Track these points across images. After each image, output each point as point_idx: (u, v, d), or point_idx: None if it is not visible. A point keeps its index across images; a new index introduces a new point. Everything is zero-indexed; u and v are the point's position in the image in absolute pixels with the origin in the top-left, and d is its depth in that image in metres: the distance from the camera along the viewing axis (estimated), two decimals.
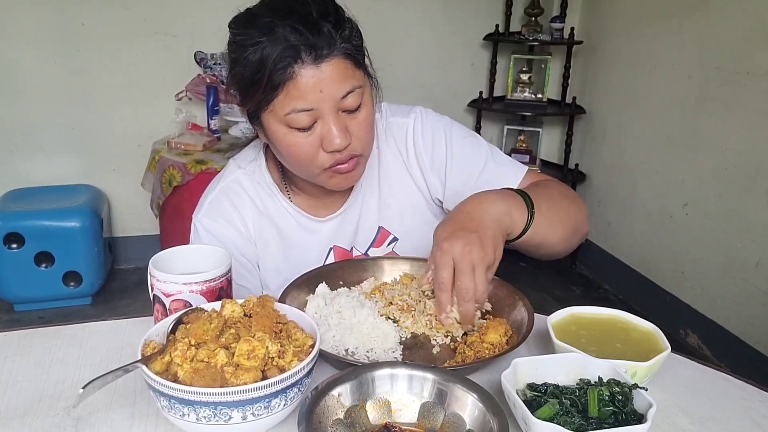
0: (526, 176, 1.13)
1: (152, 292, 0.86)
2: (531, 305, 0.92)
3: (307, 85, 0.92)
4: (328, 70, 0.92)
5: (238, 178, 1.14)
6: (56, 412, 0.76)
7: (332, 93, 0.93)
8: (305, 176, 1.05)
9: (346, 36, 0.94)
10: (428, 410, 0.72)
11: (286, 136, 0.97)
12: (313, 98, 0.93)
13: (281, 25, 0.91)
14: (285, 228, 1.14)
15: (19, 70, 2.94)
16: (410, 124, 1.15)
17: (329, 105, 0.94)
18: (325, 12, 0.94)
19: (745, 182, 2.41)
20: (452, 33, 3.36)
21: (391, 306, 0.95)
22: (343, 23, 0.95)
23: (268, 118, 0.98)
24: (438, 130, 1.14)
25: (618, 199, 3.18)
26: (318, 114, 0.95)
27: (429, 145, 1.14)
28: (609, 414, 0.67)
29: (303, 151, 0.98)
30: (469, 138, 1.16)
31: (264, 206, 1.13)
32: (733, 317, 2.50)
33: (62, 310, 2.83)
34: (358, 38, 0.98)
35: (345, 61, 0.94)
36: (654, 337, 0.84)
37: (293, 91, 0.92)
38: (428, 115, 1.16)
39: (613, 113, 3.18)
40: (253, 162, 1.15)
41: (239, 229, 1.12)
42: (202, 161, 2.65)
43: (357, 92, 0.96)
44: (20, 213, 2.73)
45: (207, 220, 1.11)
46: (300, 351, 0.72)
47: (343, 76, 0.94)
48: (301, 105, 0.93)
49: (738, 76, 2.41)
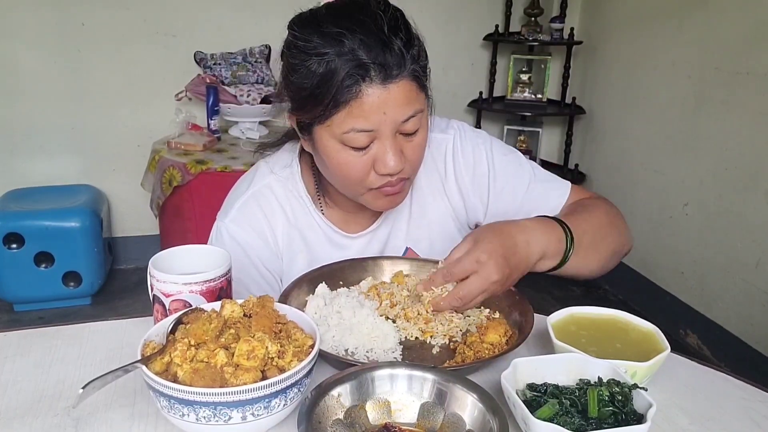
0: (571, 193, 1.10)
1: (152, 292, 0.86)
2: (531, 305, 0.92)
3: (372, 105, 0.87)
4: (395, 92, 0.87)
5: (270, 183, 1.08)
6: (56, 412, 0.76)
7: (395, 116, 0.89)
8: (349, 194, 1.00)
9: (415, 55, 0.89)
10: (428, 410, 0.72)
11: (338, 153, 0.92)
12: (376, 120, 0.88)
13: (350, 37, 0.85)
14: (313, 242, 1.09)
15: (19, 70, 2.94)
16: (449, 141, 1.11)
17: (390, 128, 0.90)
18: (396, 27, 0.88)
19: (745, 182, 2.41)
20: (452, 33, 3.36)
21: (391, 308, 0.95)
22: (413, 41, 0.90)
23: (321, 133, 0.93)
24: (478, 147, 1.10)
25: (618, 199, 3.15)
26: (376, 135, 0.90)
27: (470, 164, 1.10)
28: (609, 414, 0.67)
29: (354, 171, 0.93)
30: (509, 156, 1.12)
31: (295, 217, 1.08)
32: (732, 317, 2.50)
33: (62, 310, 2.83)
34: (425, 58, 0.93)
35: (411, 83, 0.89)
36: (654, 337, 0.84)
37: (356, 110, 0.87)
38: (466, 131, 1.12)
39: (613, 113, 3.18)
40: (287, 168, 1.09)
41: (267, 241, 1.07)
42: (202, 161, 2.65)
43: (418, 116, 0.92)
44: (20, 213, 2.73)
45: (234, 226, 1.05)
46: (300, 351, 0.72)
47: (408, 99, 0.89)
48: (361, 125, 0.88)
49: (738, 76, 2.41)
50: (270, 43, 3.08)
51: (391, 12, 0.90)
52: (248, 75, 3.02)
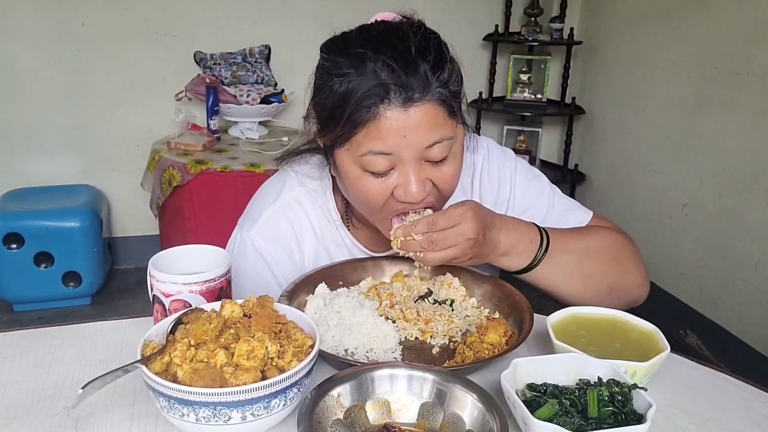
0: (591, 221, 1.08)
1: (152, 292, 0.86)
2: (531, 305, 0.92)
3: (390, 128, 0.84)
4: (417, 116, 0.84)
5: (299, 196, 1.05)
6: (56, 412, 0.76)
7: (416, 141, 0.85)
8: (369, 218, 0.97)
9: (443, 80, 0.85)
10: (428, 410, 0.72)
11: (359, 179, 0.89)
12: (394, 143, 0.84)
13: (374, 58, 0.83)
14: (339, 260, 1.06)
15: (19, 70, 2.93)
16: (478, 163, 1.09)
17: (411, 153, 0.86)
18: (425, 49, 0.86)
19: (745, 182, 2.41)
20: (452, 33, 3.30)
21: (391, 308, 0.95)
22: (443, 64, 0.87)
23: (342, 156, 0.90)
24: (504, 172, 1.09)
25: (618, 200, 3.18)
26: (397, 160, 0.86)
27: (495, 189, 1.09)
28: (608, 414, 0.67)
29: (373, 197, 0.90)
30: (532, 181, 1.10)
31: (322, 233, 1.06)
32: (732, 317, 2.50)
33: (62, 310, 2.83)
34: (457, 83, 0.89)
35: (437, 108, 0.85)
36: (653, 338, 0.84)
37: (374, 131, 0.84)
38: (494, 152, 1.10)
39: (612, 113, 3.18)
40: (317, 182, 1.06)
41: (293, 257, 1.04)
42: (201, 161, 2.65)
43: (445, 144, 0.87)
44: (20, 213, 2.73)
45: (260, 239, 1.02)
46: (299, 351, 0.72)
47: (432, 125, 0.85)
48: (379, 147, 0.85)
49: (737, 76, 2.41)
50: (270, 43, 3.08)
51: (423, 34, 0.88)
52: (248, 75, 3.02)
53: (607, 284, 1.00)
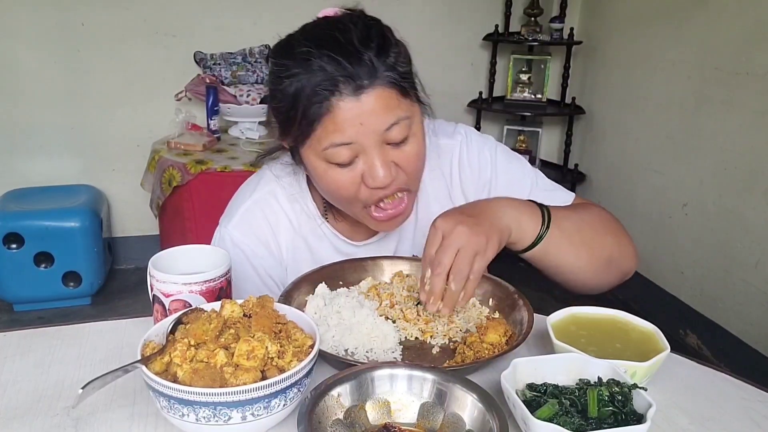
0: (574, 202, 1.08)
1: (152, 292, 0.86)
2: (531, 305, 0.92)
3: (345, 118, 0.85)
4: (370, 101, 0.85)
5: (274, 190, 1.07)
6: (56, 412, 0.76)
7: (373, 126, 0.87)
8: (349, 213, 0.99)
9: (390, 63, 0.87)
10: (428, 410, 0.72)
11: (326, 173, 0.91)
12: (353, 132, 0.86)
13: (318, 54, 0.85)
14: (320, 251, 1.08)
15: (19, 70, 2.94)
16: (456, 148, 1.10)
17: (371, 139, 0.87)
18: (368, 38, 0.87)
19: (745, 182, 2.41)
20: (452, 33, 3.36)
21: (391, 308, 0.95)
22: (387, 49, 0.88)
23: (307, 154, 0.92)
24: (483, 154, 1.10)
25: (617, 199, 3.18)
26: (359, 148, 0.88)
27: (475, 171, 1.09)
28: (608, 414, 0.67)
29: (344, 188, 0.92)
30: (514, 163, 1.11)
31: (299, 225, 1.07)
32: (732, 317, 2.50)
33: (62, 310, 2.83)
34: (405, 64, 0.90)
35: (389, 91, 0.87)
36: (653, 337, 0.84)
37: (330, 125, 0.86)
38: (473, 136, 1.11)
39: (612, 113, 3.18)
40: (292, 176, 1.07)
41: (271, 249, 1.06)
42: (201, 161, 2.65)
43: (403, 124, 0.89)
44: (20, 213, 2.73)
45: (237, 233, 1.04)
46: (299, 351, 0.72)
47: (386, 107, 0.87)
48: (339, 139, 0.87)
49: (737, 76, 2.42)
50: (269, 43, 3.08)
51: (364, 23, 0.90)
52: (248, 75, 3.02)
53: (607, 254, 1.00)
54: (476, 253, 0.83)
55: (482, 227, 0.85)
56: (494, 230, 0.86)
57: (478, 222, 0.85)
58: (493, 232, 0.86)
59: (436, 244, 0.85)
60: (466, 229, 0.83)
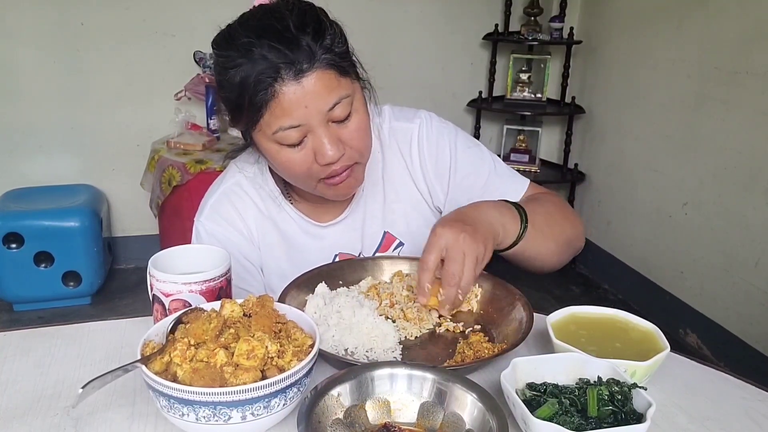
0: (528, 189, 1.13)
1: (151, 291, 0.86)
2: (530, 305, 0.92)
3: (290, 102, 0.90)
4: (311, 84, 0.90)
5: (239, 181, 1.12)
6: (56, 412, 0.76)
7: (318, 106, 0.91)
8: (304, 188, 1.04)
9: (327, 46, 0.91)
10: (428, 410, 0.72)
11: (278, 154, 0.96)
12: (299, 114, 0.91)
13: (258, 44, 0.90)
14: (288, 232, 1.13)
15: (19, 70, 2.93)
16: (415, 130, 1.13)
17: (317, 119, 0.92)
18: (303, 23, 0.91)
19: (745, 182, 2.41)
20: (451, 33, 3.36)
21: (391, 307, 0.96)
22: (323, 32, 0.92)
23: (258, 138, 0.97)
24: (443, 137, 1.13)
25: (617, 199, 3.18)
26: (307, 129, 0.93)
27: (434, 152, 1.13)
28: (608, 413, 0.68)
29: (297, 166, 0.96)
30: (473, 148, 1.15)
31: (267, 209, 1.12)
32: (732, 317, 2.50)
33: (62, 310, 2.83)
34: (341, 44, 0.94)
35: (328, 72, 0.91)
36: (653, 337, 0.84)
37: (277, 110, 0.91)
38: (433, 120, 1.15)
39: (612, 113, 3.18)
40: (254, 166, 1.13)
41: (242, 232, 1.11)
42: (201, 161, 2.65)
43: (345, 102, 0.93)
44: (20, 213, 2.73)
45: (209, 223, 1.10)
46: (299, 351, 0.72)
47: (328, 88, 0.91)
48: (287, 122, 0.91)
49: (737, 75, 2.42)
50: None
51: (299, 9, 0.94)
52: None
53: (566, 238, 1.07)
54: (477, 260, 0.88)
55: (480, 234, 0.90)
56: (489, 236, 0.92)
57: (476, 230, 0.90)
58: (488, 239, 0.91)
59: (435, 251, 0.88)
60: (468, 238, 0.88)
